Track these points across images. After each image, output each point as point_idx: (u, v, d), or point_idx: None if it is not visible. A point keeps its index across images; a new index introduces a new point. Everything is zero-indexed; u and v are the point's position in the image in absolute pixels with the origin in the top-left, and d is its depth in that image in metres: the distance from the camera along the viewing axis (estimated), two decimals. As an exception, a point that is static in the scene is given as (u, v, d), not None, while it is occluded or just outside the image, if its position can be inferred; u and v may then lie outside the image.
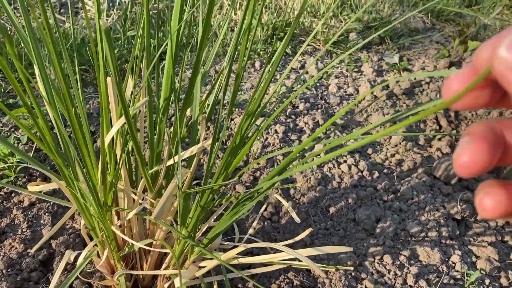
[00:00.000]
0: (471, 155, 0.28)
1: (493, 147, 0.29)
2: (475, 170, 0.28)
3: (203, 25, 0.68)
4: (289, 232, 1.41)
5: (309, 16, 2.58)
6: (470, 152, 0.28)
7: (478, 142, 0.29)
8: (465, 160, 0.28)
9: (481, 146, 0.28)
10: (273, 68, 0.77)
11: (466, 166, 0.28)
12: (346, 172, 1.65)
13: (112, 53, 0.65)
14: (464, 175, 0.29)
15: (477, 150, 0.28)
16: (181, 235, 0.86)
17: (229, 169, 0.84)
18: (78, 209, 0.88)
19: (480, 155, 0.28)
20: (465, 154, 0.29)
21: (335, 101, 2.04)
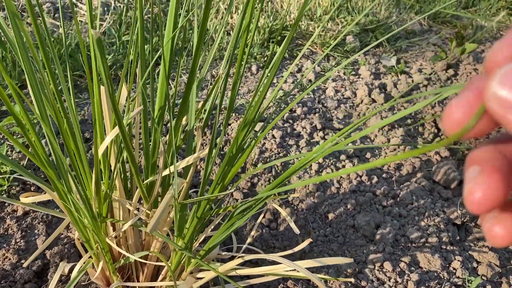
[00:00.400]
0: (484, 190, 0.25)
1: (507, 176, 0.25)
2: (490, 206, 0.25)
3: (198, 32, 0.66)
4: (287, 239, 1.39)
5: (306, 19, 2.57)
6: (483, 188, 0.25)
7: (490, 174, 0.26)
8: (479, 197, 0.25)
9: (495, 179, 0.25)
10: (272, 72, 0.76)
11: (480, 204, 0.25)
12: (344, 177, 1.63)
13: (104, 62, 0.63)
14: (479, 212, 0.26)
15: (491, 184, 0.25)
16: (177, 247, 0.84)
17: (226, 179, 0.82)
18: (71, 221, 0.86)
19: (495, 190, 0.25)
20: (477, 190, 0.25)
21: (333, 104, 2.02)
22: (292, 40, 2.48)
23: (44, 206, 1.36)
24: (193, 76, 0.72)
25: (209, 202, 0.83)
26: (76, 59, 1.83)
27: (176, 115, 0.78)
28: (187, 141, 0.84)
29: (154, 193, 0.81)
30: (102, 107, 0.82)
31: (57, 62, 0.79)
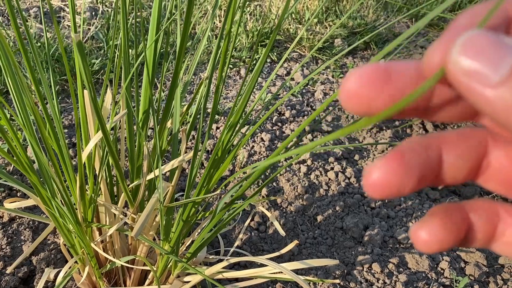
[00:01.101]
0: (381, 173, 0.24)
1: (408, 167, 0.24)
2: (383, 192, 0.24)
3: (181, 36, 0.67)
4: (276, 242, 1.39)
5: (294, 22, 2.58)
6: (378, 170, 0.24)
7: (390, 158, 0.25)
8: (372, 179, 0.24)
9: (391, 165, 0.24)
10: (254, 75, 0.76)
11: (372, 186, 0.24)
12: (333, 180, 1.64)
13: (86, 67, 0.63)
14: (374, 196, 0.25)
15: (384, 168, 0.24)
16: (163, 251, 0.83)
17: (211, 182, 0.82)
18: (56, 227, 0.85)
19: (391, 175, 0.24)
20: (374, 171, 0.24)
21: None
22: (281, 43, 2.49)
23: (30, 211, 1.35)
24: (176, 80, 0.72)
25: (194, 205, 0.83)
26: (63, 64, 1.82)
27: (161, 119, 0.78)
28: (172, 144, 0.84)
29: (139, 197, 0.80)
30: (86, 111, 0.82)
31: (39, 66, 0.78)
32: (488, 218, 0.27)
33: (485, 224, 0.27)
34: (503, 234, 0.27)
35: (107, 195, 0.92)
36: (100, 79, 1.92)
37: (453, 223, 0.26)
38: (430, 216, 0.26)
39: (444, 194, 1.64)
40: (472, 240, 0.27)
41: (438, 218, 0.26)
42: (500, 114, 0.20)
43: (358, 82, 0.23)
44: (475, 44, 0.21)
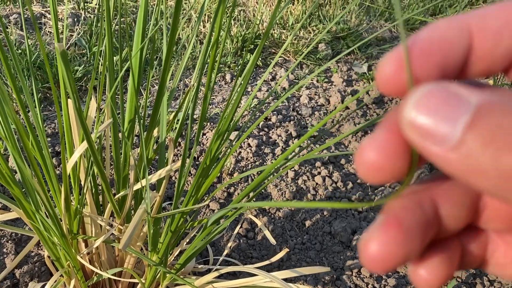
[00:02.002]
0: (378, 246, 0.21)
1: (410, 234, 0.22)
2: (386, 266, 0.22)
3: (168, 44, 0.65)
4: (265, 248, 1.38)
5: (278, 27, 2.58)
6: (378, 243, 0.21)
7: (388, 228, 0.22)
8: (372, 252, 0.22)
9: (392, 235, 0.22)
10: (244, 81, 0.75)
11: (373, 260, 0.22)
12: (320, 184, 1.63)
13: (70, 76, 0.61)
14: (375, 271, 0.22)
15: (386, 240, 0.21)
16: (151, 262, 0.82)
17: (200, 191, 0.81)
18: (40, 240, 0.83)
19: (390, 247, 0.21)
20: (371, 243, 0.22)
21: (307, 112, 2.03)
22: (266, 48, 2.49)
23: (13, 223, 1.32)
24: (163, 88, 0.71)
25: (183, 215, 0.81)
26: (46, 71, 1.79)
27: (147, 127, 0.77)
28: (159, 153, 0.82)
29: (125, 208, 0.79)
30: (70, 120, 0.80)
31: (20, 74, 0.76)
32: (478, 241, 0.26)
33: (475, 247, 0.26)
34: (493, 256, 0.26)
35: (93, 206, 0.90)
36: (83, 87, 1.89)
37: (448, 256, 0.25)
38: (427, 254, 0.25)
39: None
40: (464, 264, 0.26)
41: (434, 255, 0.25)
42: (460, 177, 0.19)
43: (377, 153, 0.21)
44: (427, 102, 0.19)
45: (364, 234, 0.23)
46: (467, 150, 0.18)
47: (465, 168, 0.19)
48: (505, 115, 0.18)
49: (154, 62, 0.72)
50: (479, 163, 0.18)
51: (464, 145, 0.18)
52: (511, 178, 0.18)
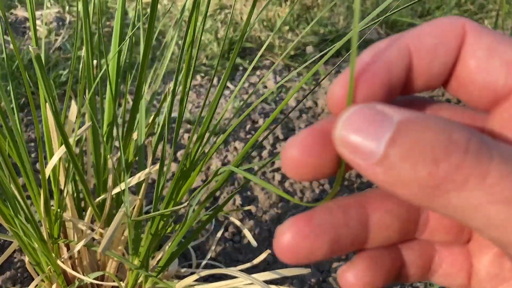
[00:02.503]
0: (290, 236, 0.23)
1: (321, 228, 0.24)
2: (294, 257, 0.24)
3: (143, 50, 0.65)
4: (252, 252, 1.38)
5: (266, 30, 2.59)
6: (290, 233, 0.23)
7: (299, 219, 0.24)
8: (283, 242, 0.23)
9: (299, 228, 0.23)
10: (222, 82, 0.75)
11: (284, 250, 0.23)
12: (307, 187, 1.64)
13: (45, 79, 0.61)
14: (286, 261, 0.24)
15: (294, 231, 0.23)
16: (132, 266, 0.81)
17: (180, 194, 0.80)
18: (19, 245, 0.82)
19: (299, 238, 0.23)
20: (285, 233, 0.24)
21: (295, 115, 2.04)
22: (253, 51, 2.50)
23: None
24: (140, 92, 0.71)
25: (163, 218, 0.81)
26: (30, 76, 1.78)
27: (126, 131, 0.77)
28: (138, 158, 0.82)
29: (105, 211, 0.78)
30: (49, 125, 0.79)
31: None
32: (422, 253, 0.27)
33: (418, 258, 0.27)
34: (440, 266, 0.27)
35: (74, 210, 0.89)
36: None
37: (381, 265, 0.26)
38: (358, 259, 0.26)
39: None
40: (406, 276, 0.27)
41: (365, 261, 0.25)
42: (387, 188, 0.21)
43: (299, 150, 0.23)
44: (355, 121, 0.21)
45: (279, 226, 0.24)
46: (389, 163, 0.20)
47: (390, 180, 0.20)
48: (421, 131, 0.20)
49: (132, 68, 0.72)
50: (400, 175, 0.20)
51: (387, 159, 0.20)
52: (428, 187, 0.19)
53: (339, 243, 0.24)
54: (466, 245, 0.28)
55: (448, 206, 0.20)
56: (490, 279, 0.26)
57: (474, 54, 0.23)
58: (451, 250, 0.27)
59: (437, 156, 0.19)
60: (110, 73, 0.70)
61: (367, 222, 0.25)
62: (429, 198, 0.20)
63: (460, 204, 0.19)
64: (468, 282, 0.27)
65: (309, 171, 0.23)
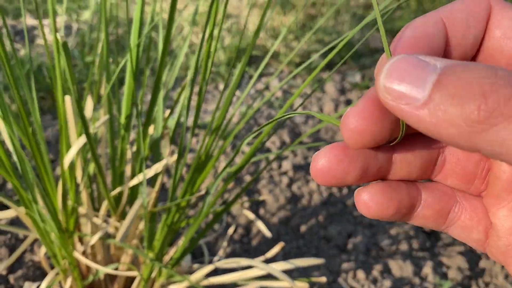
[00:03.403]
0: (326, 159, 0.25)
1: (354, 156, 0.26)
2: (328, 180, 0.26)
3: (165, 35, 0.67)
4: (261, 253, 1.38)
5: (271, 38, 2.62)
6: (323, 157, 0.25)
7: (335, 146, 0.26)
8: (318, 165, 0.25)
9: (335, 153, 0.25)
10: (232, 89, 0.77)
11: (317, 171, 0.25)
12: (315, 190, 1.64)
13: (70, 67, 0.63)
14: (320, 183, 0.26)
15: (329, 156, 0.25)
16: (147, 257, 0.82)
17: (196, 185, 0.81)
18: (37, 235, 0.83)
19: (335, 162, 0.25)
20: (319, 157, 0.26)
21: (301, 120, 2.05)
22: (259, 59, 2.52)
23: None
24: (159, 83, 0.73)
25: (179, 209, 0.82)
26: (39, 81, 1.81)
27: (144, 122, 0.78)
28: (155, 151, 0.83)
29: (122, 202, 0.79)
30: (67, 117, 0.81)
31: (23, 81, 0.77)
32: (441, 198, 0.28)
33: (436, 202, 0.28)
34: (459, 217, 0.28)
35: (89, 204, 0.90)
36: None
37: (396, 193, 0.27)
38: (375, 184, 0.28)
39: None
40: (422, 217, 0.28)
41: (382, 186, 0.27)
42: (431, 131, 0.22)
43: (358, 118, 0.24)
44: (398, 69, 0.22)
45: (316, 152, 0.26)
46: (435, 105, 0.21)
47: (435, 121, 0.21)
48: (467, 71, 0.21)
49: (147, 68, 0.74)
50: (447, 114, 0.21)
51: (433, 101, 0.21)
52: (476, 122, 0.20)
53: (367, 171, 0.26)
54: (483, 200, 0.28)
55: (495, 141, 0.20)
56: (508, 233, 0.27)
57: (500, 25, 0.25)
58: (472, 203, 0.28)
59: (485, 91, 0.20)
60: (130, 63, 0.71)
61: (392, 157, 0.27)
62: (476, 134, 0.20)
63: (508, 136, 0.20)
64: (485, 237, 0.28)
65: (368, 138, 0.25)
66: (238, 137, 1.87)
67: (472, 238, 0.28)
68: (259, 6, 2.81)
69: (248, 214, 0.89)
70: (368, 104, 0.24)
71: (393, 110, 0.22)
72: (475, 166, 0.28)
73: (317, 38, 2.60)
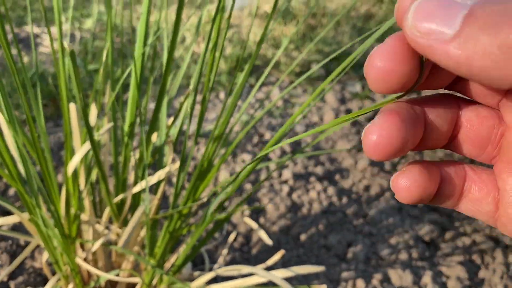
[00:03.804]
0: (380, 132, 0.25)
1: (407, 123, 0.25)
2: (385, 151, 0.25)
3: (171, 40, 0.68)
4: (261, 261, 1.38)
5: (272, 48, 2.64)
6: (379, 129, 0.25)
7: (388, 117, 0.25)
8: (373, 139, 0.25)
9: (392, 122, 0.25)
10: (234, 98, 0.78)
11: (374, 146, 0.25)
12: (315, 199, 1.65)
13: (77, 75, 0.64)
14: (375, 157, 0.25)
15: (386, 126, 0.25)
16: (149, 264, 0.82)
17: (197, 193, 0.82)
18: (40, 241, 0.83)
19: (390, 132, 0.25)
20: (373, 132, 0.25)
21: (301, 129, 2.07)
22: (259, 68, 2.54)
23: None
24: (163, 90, 0.74)
25: (180, 217, 0.83)
26: (42, 88, 1.82)
27: (148, 129, 0.79)
28: (158, 158, 0.84)
29: (125, 209, 0.80)
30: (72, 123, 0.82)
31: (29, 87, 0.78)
32: (457, 173, 0.29)
33: (455, 178, 0.28)
34: (470, 191, 0.29)
35: (92, 211, 0.91)
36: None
37: (431, 172, 0.27)
38: (408, 167, 0.27)
39: (424, 211, 1.67)
40: (444, 194, 0.29)
41: (417, 167, 0.27)
42: (462, 65, 0.21)
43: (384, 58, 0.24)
44: (426, 7, 0.22)
45: (364, 128, 0.25)
46: (466, 36, 0.21)
47: (466, 54, 0.21)
48: (499, 4, 0.20)
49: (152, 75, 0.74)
50: (478, 43, 0.20)
51: (463, 33, 0.21)
52: (509, 49, 0.20)
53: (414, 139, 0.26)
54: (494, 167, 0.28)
55: None
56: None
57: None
58: (480, 175, 0.29)
59: None
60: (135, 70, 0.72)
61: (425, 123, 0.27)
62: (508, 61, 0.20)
63: None
64: (496, 208, 0.28)
65: (393, 80, 0.24)
66: (239, 146, 1.88)
67: (483, 210, 0.28)
68: (260, 16, 2.84)
69: (249, 222, 0.89)
70: (393, 44, 0.24)
71: (422, 47, 0.22)
72: (489, 131, 0.28)
73: (317, 49, 2.62)
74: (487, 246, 1.53)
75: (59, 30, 0.76)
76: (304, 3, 3.02)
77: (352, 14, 3.10)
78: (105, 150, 0.98)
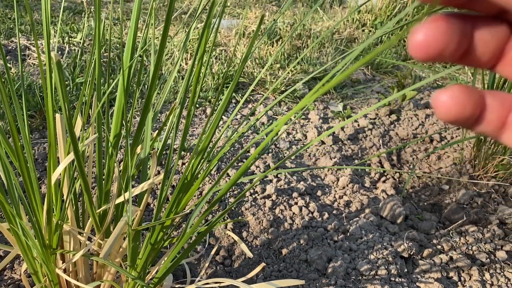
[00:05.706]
0: (426, 31, 0.25)
1: (453, 29, 0.26)
2: (428, 51, 0.26)
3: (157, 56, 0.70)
4: (242, 275, 1.39)
5: (258, 67, 2.69)
6: (426, 30, 0.25)
7: (436, 20, 0.26)
8: (418, 38, 0.25)
9: (439, 24, 0.26)
10: (218, 114, 0.80)
11: (418, 44, 0.25)
12: (297, 214, 1.67)
13: (63, 84, 0.65)
14: (417, 56, 0.26)
15: (434, 28, 0.26)
16: (130, 276, 0.83)
17: (180, 205, 0.84)
18: (19, 251, 0.83)
19: (436, 33, 0.25)
20: (420, 32, 0.25)
21: (285, 146, 2.09)
22: (246, 86, 2.58)
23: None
24: (149, 104, 0.76)
25: (163, 228, 0.84)
26: (28, 100, 1.82)
27: (132, 141, 0.80)
28: (142, 169, 0.86)
29: (107, 219, 0.81)
30: (57, 134, 0.83)
31: (15, 99, 0.80)
32: (502, 102, 0.29)
33: (499, 106, 0.29)
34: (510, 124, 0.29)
35: (74, 221, 0.91)
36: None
37: (474, 94, 0.28)
38: (453, 86, 0.28)
39: (403, 228, 1.70)
40: (487, 120, 0.29)
41: (461, 87, 0.27)
42: None
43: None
44: None
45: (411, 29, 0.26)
46: None
47: None
48: None
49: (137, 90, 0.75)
50: None
51: None
52: None
53: (460, 46, 0.27)
54: None
55: None
56: None
57: None
58: None
59: None
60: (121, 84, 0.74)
61: (472, 35, 0.28)
62: None
63: None
64: None
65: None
66: (223, 160, 1.89)
67: None
68: (247, 36, 2.88)
69: (231, 234, 0.91)
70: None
71: None
72: None
73: (302, 69, 2.67)
74: (464, 263, 1.57)
75: (47, 42, 0.77)
76: (290, 25, 3.09)
77: (335, 37, 3.17)
78: (89, 161, 0.99)
